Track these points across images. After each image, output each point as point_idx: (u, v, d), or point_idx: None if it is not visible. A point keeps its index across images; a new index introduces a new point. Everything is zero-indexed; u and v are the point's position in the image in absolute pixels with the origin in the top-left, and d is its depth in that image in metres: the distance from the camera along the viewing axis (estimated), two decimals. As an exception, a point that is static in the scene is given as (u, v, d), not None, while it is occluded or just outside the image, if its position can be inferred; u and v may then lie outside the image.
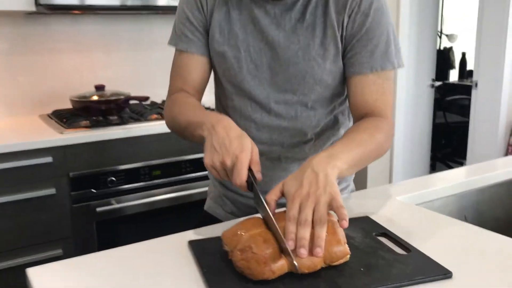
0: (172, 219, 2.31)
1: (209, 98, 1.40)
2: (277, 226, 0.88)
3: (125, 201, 2.22)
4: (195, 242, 1.01)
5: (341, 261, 0.90)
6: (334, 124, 1.27)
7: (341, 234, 0.90)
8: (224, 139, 0.97)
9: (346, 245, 0.91)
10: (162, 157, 2.27)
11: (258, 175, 0.98)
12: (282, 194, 0.93)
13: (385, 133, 1.11)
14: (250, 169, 0.97)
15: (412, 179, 1.46)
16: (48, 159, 2.02)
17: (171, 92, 1.26)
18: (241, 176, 0.95)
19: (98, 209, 2.15)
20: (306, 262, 0.85)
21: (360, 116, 1.15)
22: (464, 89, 4.82)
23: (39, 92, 2.51)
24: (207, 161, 0.98)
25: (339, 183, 1.34)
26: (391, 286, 0.84)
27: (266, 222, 0.91)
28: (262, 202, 0.94)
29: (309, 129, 1.24)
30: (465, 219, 1.46)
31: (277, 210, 0.93)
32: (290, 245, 0.84)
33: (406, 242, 0.99)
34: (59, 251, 2.07)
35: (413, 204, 1.24)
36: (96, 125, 2.20)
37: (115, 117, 2.28)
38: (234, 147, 0.96)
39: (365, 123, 1.11)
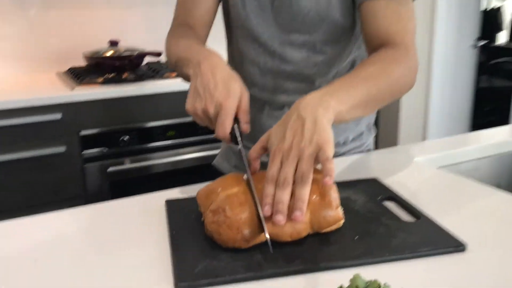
0: (186, 181, 2.21)
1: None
2: (254, 190, 0.75)
3: (138, 161, 2.13)
4: (172, 201, 0.89)
5: (333, 227, 0.76)
6: None
7: (333, 196, 0.76)
8: (208, 81, 0.83)
9: (339, 209, 0.77)
10: (177, 117, 2.16)
11: (245, 127, 0.85)
12: (266, 150, 0.79)
13: (403, 64, 0.93)
14: (237, 119, 0.84)
15: (437, 139, 1.29)
16: (57, 116, 1.95)
17: (172, 25, 1.15)
18: (224, 127, 0.81)
19: (110, 169, 2.07)
20: (287, 229, 0.72)
21: (374, 49, 0.96)
22: (513, 52, 4.48)
23: (56, 49, 2.44)
24: (188, 107, 0.86)
25: (352, 140, 1.18)
26: (386, 258, 0.70)
27: (249, 184, 0.78)
28: (244, 159, 0.81)
29: (316, 76, 1.09)
30: (499, 187, 1.28)
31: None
32: (265, 211, 0.71)
33: (415, 209, 0.84)
34: (71, 211, 2.01)
35: (433, 167, 1.08)
36: (109, 81, 2.11)
37: (129, 74, 2.18)
38: (218, 92, 0.82)
39: (376, 56, 0.93)
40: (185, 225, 0.80)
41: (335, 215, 0.75)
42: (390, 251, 0.71)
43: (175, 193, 0.96)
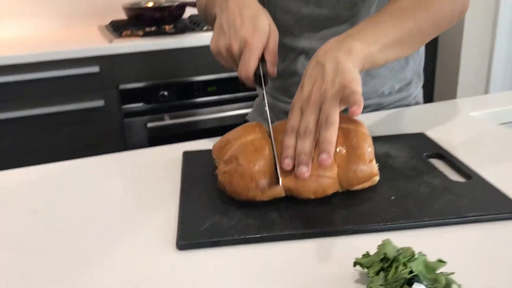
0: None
1: None
2: (273, 140, 0.65)
3: (178, 118, 2.07)
4: (190, 153, 0.81)
5: (365, 185, 0.66)
6: None
7: (366, 149, 0.65)
8: (235, 18, 0.75)
9: (374, 164, 0.66)
10: (218, 72, 2.07)
11: (271, 69, 0.75)
12: None
13: None
14: (263, 60, 0.74)
15: (498, 93, 1.13)
16: (95, 69, 1.90)
17: None
18: (248, 66, 0.72)
19: (149, 125, 2.02)
20: (311, 184, 0.62)
21: None
22: None
23: (98, 2, 2.38)
24: (212, 46, 0.77)
25: (398, 91, 1.05)
26: (426, 223, 0.59)
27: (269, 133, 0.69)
28: (265, 106, 0.72)
29: (358, 18, 0.96)
30: None
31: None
32: (285, 165, 0.62)
33: (467, 167, 0.72)
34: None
35: (493, 123, 0.94)
36: (149, 34, 2.03)
37: (170, 27, 2.10)
38: (245, 29, 0.73)
39: None
40: (199, 178, 0.71)
41: (368, 170, 0.65)
42: (432, 214, 0.60)
43: (198, 144, 0.87)
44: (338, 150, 0.65)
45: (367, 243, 0.53)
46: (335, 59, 0.64)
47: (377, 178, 0.67)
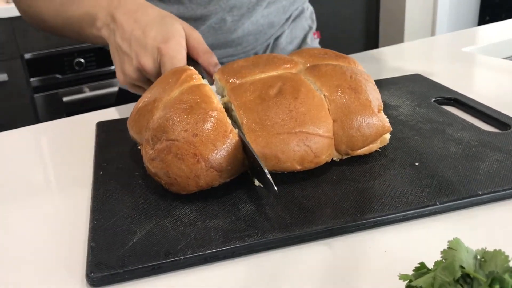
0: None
1: None
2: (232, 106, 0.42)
3: (99, 89, 1.77)
4: (105, 124, 0.56)
5: (372, 147, 0.44)
6: None
7: (373, 95, 0.44)
8: (133, 30, 0.53)
9: (383, 115, 0.44)
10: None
11: (211, 69, 0.54)
12: None
13: None
14: (195, 63, 0.54)
15: (487, 25, 0.95)
16: (-10, 36, 1.57)
17: None
18: (175, 64, 0.51)
19: (66, 99, 1.72)
20: (296, 147, 0.40)
21: None
22: None
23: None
24: (119, 77, 0.55)
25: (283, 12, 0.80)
26: (479, 198, 0.38)
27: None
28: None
29: None
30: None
31: None
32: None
33: (497, 112, 0.52)
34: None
35: (496, 58, 0.75)
36: (55, -8, 1.71)
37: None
38: (151, 38, 0.52)
39: None
40: (121, 160, 0.47)
41: (378, 123, 0.43)
42: (484, 184, 0.39)
43: (120, 111, 0.63)
44: (331, 95, 0.42)
45: (401, 241, 0.31)
46: None
47: (388, 136, 0.45)
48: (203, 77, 0.48)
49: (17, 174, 0.49)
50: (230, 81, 0.45)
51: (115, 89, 1.77)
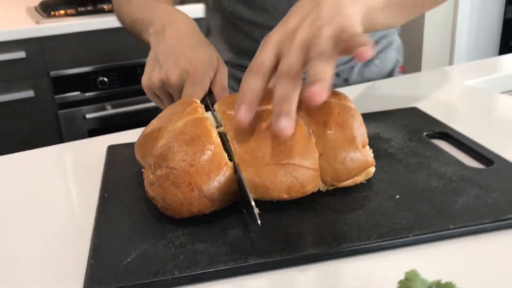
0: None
1: None
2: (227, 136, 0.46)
3: (121, 107, 1.83)
4: (116, 148, 0.60)
5: (357, 179, 0.47)
6: None
7: (358, 131, 0.47)
8: (174, 48, 0.60)
9: (368, 150, 0.47)
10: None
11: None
12: None
13: None
14: (210, 93, 0.60)
15: (493, 58, 0.97)
16: (21, 54, 1.65)
17: None
18: (195, 91, 0.57)
19: (89, 116, 1.79)
20: (283, 177, 0.43)
21: None
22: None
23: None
24: (144, 80, 0.61)
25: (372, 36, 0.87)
26: (452, 231, 0.41)
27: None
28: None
29: None
30: None
31: None
32: (240, 115, 0.43)
33: (483, 148, 0.55)
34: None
35: (494, 92, 0.78)
36: (83, 13, 1.78)
37: (109, 6, 1.85)
38: (186, 59, 0.58)
39: None
40: (126, 183, 0.51)
41: (362, 158, 0.46)
42: (458, 218, 0.42)
43: (133, 135, 0.67)
44: (318, 130, 0.46)
45: (372, 270, 0.34)
46: (337, 1, 0.45)
47: (372, 170, 0.48)
48: (212, 107, 0.53)
49: (35, 189, 0.53)
50: (227, 112, 0.49)
51: (137, 107, 1.84)
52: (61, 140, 1.79)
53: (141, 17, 0.69)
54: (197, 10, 1.21)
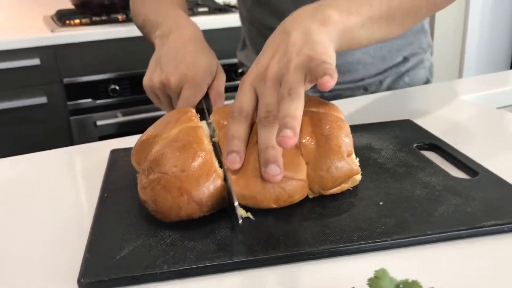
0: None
1: None
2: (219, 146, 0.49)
3: (131, 114, 1.87)
4: (118, 152, 0.63)
5: (343, 187, 0.50)
6: None
7: (343, 139, 0.49)
8: (177, 52, 0.63)
9: (354, 158, 0.50)
10: (175, 63, 1.88)
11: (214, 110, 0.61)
12: None
13: None
14: (206, 96, 0.63)
15: (492, 74, 0.99)
16: (35, 61, 1.69)
17: None
18: (188, 103, 0.61)
19: (99, 123, 1.83)
20: (272, 189, 0.46)
21: None
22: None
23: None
24: (145, 81, 0.66)
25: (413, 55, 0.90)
26: (429, 237, 0.43)
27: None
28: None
29: None
30: None
31: None
32: (230, 162, 0.46)
33: (470, 160, 0.57)
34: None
35: (489, 107, 0.79)
36: (96, 23, 1.83)
37: (123, 16, 1.90)
38: (186, 64, 0.62)
39: None
40: (125, 185, 0.54)
41: (347, 167, 0.48)
42: (436, 225, 0.44)
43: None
44: (305, 141, 0.48)
45: (350, 270, 0.37)
46: (306, 28, 0.47)
47: (358, 178, 0.51)
48: (208, 112, 0.56)
49: (37, 190, 0.56)
50: (222, 123, 0.51)
51: (146, 115, 1.87)
52: (72, 145, 1.83)
53: (151, 18, 0.73)
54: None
